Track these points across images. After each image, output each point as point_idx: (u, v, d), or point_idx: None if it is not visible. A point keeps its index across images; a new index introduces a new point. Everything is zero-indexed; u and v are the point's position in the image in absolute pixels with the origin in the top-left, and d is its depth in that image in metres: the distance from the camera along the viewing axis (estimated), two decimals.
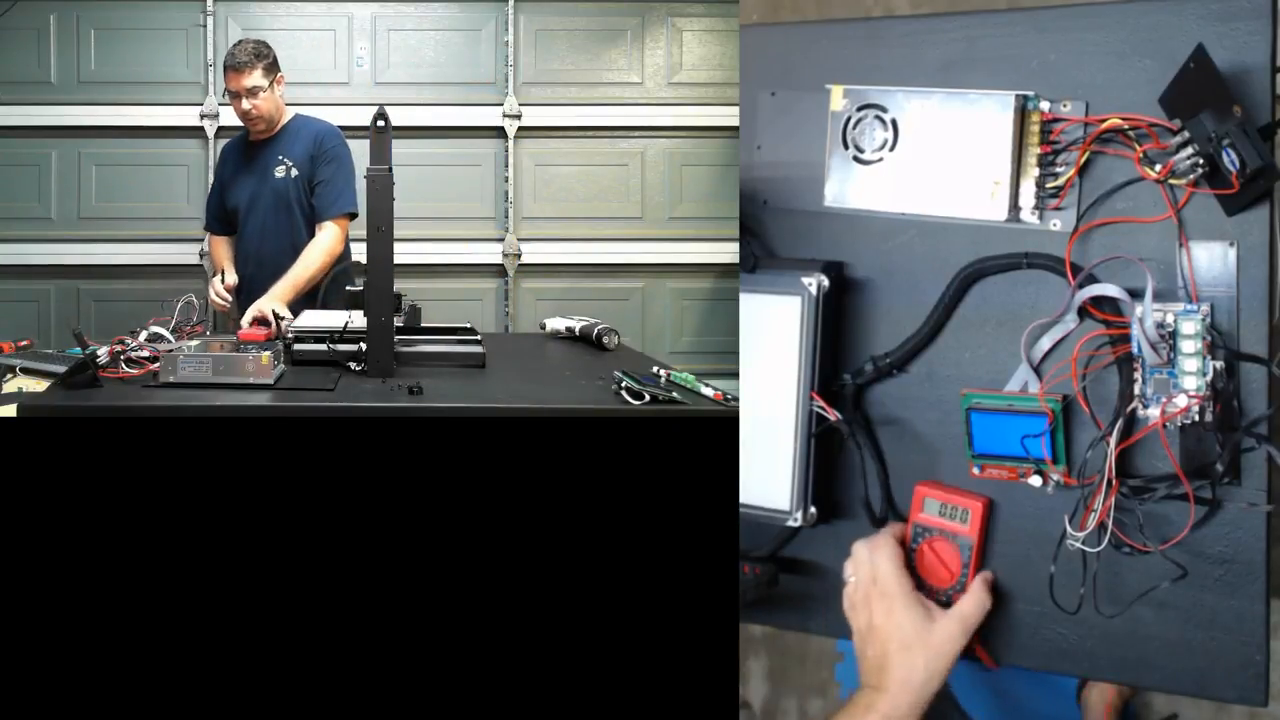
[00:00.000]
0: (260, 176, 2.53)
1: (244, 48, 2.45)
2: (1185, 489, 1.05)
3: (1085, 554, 1.10)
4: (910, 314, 1.21)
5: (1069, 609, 1.12)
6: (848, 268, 1.25)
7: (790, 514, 1.21)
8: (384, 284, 1.60)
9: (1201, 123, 1.02)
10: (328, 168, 2.47)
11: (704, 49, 3.46)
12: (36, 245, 3.29)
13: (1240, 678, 1.08)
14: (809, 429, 1.20)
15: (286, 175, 2.50)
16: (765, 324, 1.22)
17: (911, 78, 1.20)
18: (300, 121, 2.57)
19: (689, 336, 3.51)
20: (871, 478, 1.22)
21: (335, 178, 2.47)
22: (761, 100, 1.31)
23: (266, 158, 2.53)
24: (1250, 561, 1.07)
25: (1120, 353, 1.09)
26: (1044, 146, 1.13)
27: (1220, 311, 1.07)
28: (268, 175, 2.52)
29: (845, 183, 1.21)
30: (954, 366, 1.20)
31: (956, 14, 1.21)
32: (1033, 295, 1.15)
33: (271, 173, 2.51)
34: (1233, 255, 1.07)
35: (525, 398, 1.50)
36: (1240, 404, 1.05)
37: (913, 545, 1.18)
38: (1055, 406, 1.11)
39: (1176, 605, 1.10)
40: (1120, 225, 1.12)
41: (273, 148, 2.53)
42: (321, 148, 2.49)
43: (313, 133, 2.52)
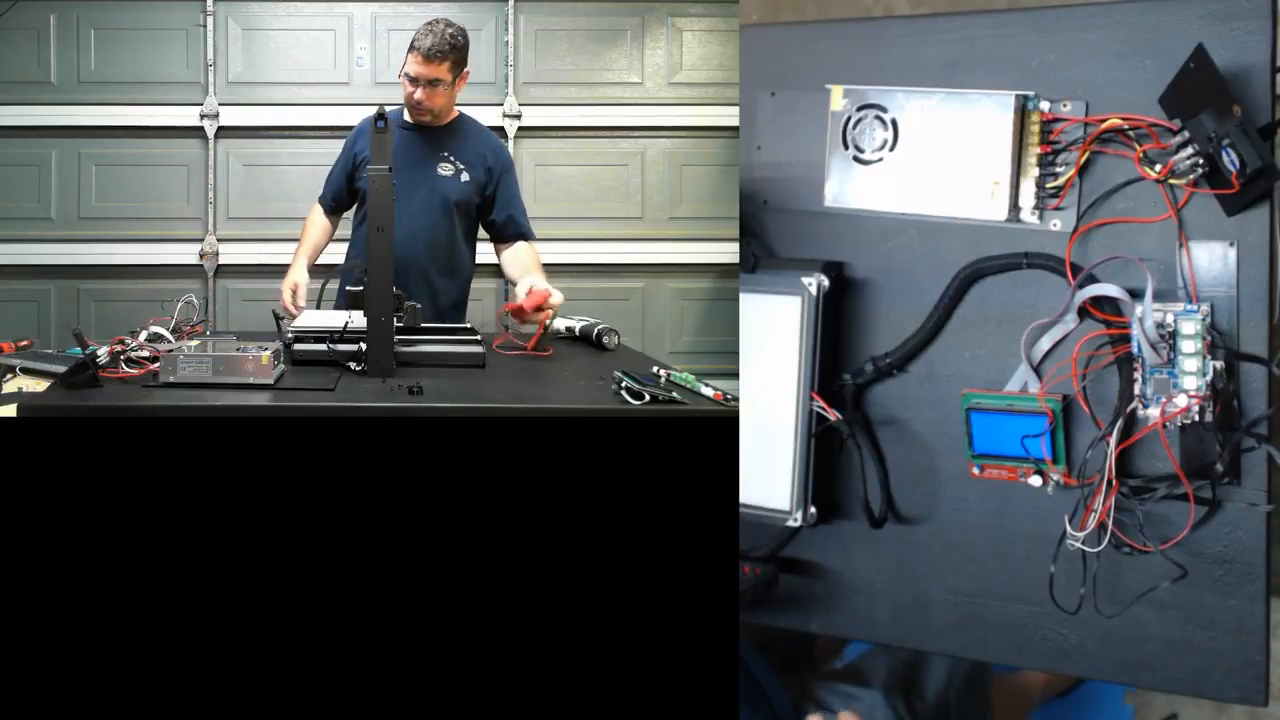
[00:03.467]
0: (419, 166, 2.26)
1: (443, 35, 2.17)
2: (1185, 489, 1.05)
3: (1085, 554, 1.10)
4: (910, 314, 1.21)
5: (1069, 609, 1.12)
6: (848, 268, 1.25)
7: (790, 514, 1.21)
8: (384, 284, 1.60)
9: (1201, 123, 1.02)
10: (510, 182, 2.29)
11: (704, 49, 3.46)
12: (36, 245, 3.29)
13: (1240, 677, 1.08)
14: (809, 429, 1.20)
15: (455, 175, 2.27)
16: (765, 324, 1.22)
17: (911, 78, 1.20)
18: (469, 122, 2.34)
19: (689, 336, 3.51)
20: (871, 478, 1.22)
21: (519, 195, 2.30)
22: (761, 100, 1.31)
23: (429, 149, 2.28)
24: (1250, 561, 1.07)
25: (1120, 353, 1.09)
26: (1044, 146, 1.13)
27: (1220, 311, 1.07)
28: (429, 169, 2.27)
29: (845, 183, 1.21)
30: (954, 366, 1.20)
31: (956, 14, 1.21)
32: (1033, 295, 1.15)
33: (435, 167, 2.27)
34: (1233, 255, 1.07)
35: (525, 398, 1.50)
36: (1240, 404, 1.06)
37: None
38: (1055, 406, 1.11)
39: (1176, 605, 1.10)
40: (1120, 225, 1.12)
41: (437, 141, 2.28)
42: (500, 159, 2.30)
43: (490, 143, 2.31)
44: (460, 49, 2.20)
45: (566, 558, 1.19)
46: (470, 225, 2.32)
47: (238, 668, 1.16)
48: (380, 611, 1.17)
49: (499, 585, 1.18)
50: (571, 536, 1.19)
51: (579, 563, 1.19)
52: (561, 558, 1.19)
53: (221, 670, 1.16)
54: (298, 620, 1.17)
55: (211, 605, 1.16)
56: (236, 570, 1.16)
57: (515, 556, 1.18)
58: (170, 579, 1.16)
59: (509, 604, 1.18)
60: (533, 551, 1.18)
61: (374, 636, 1.17)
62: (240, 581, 1.17)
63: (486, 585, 1.18)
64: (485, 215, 2.33)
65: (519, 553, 1.18)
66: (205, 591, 1.16)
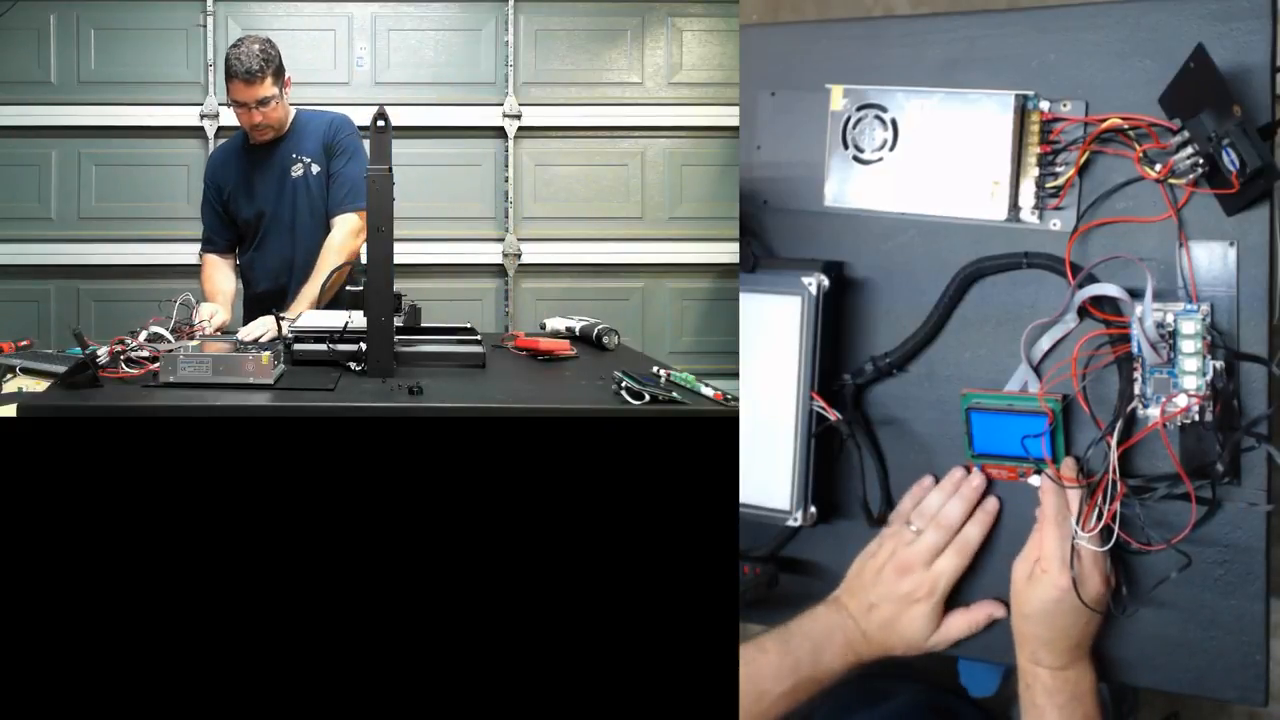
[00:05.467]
0: (275, 181, 2.32)
1: (251, 53, 2.19)
2: (1186, 488, 1.05)
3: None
4: (910, 314, 1.21)
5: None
6: (848, 267, 1.25)
7: (790, 514, 1.21)
8: (384, 284, 1.60)
9: (1201, 122, 1.02)
10: (339, 159, 2.30)
11: (704, 49, 3.46)
12: (36, 245, 3.30)
13: (1240, 677, 1.08)
14: (809, 429, 1.20)
15: (306, 173, 2.31)
16: (765, 324, 1.22)
17: (911, 77, 1.20)
18: (306, 115, 2.38)
19: (689, 336, 3.51)
20: (871, 477, 1.22)
21: (348, 170, 2.29)
22: (761, 100, 1.31)
23: (277, 159, 2.33)
24: (1250, 561, 1.07)
25: (1120, 352, 1.09)
26: (1044, 146, 1.13)
27: (1220, 311, 1.07)
28: (285, 178, 2.32)
29: (845, 182, 1.21)
30: (954, 366, 1.20)
31: (956, 14, 1.21)
32: (1032, 295, 1.15)
33: (289, 174, 2.31)
34: (1232, 255, 1.07)
35: (525, 398, 1.50)
36: (1240, 404, 1.05)
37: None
38: (1055, 406, 1.11)
39: (1176, 604, 1.10)
40: (1120, 225, 1.12)
41: (282, 148, 2.33)
42: (336, 138, 2.31)
43: (324, 122, 2.34)
44: (274, 59, 2.23)
45: (567, 557, 1.19)
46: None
47: (238, 667, 1.16)
48: (381, 611, 1.17)
49: (499, 585, 1.18)
50: (572, 536, 1.19)
51: (579, 562, 1.19)
52: (562, 557, 1.19)
53: (222, 670, 1.16)
54: (298, 620, 1.17)
55: (212, 605, 1.16)
56: (237, 570, 1.17)
57: (516, 556, 1.18)
58: (170, 579, 1.16)
59: (509, 604, 1.18)
60: (533, 551, 1.18)
61: (374, 636, 1.17)
62: (240, 581, 1.17)
63: (487, 585, 1.18)
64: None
65: (519, 553, 1.18)
66: (205, 591, 1.16)
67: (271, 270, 2.37)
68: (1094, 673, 1.10)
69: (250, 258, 2.40)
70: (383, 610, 1.17)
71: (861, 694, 1.35)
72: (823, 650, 1.15)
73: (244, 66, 2.18)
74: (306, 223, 2.33)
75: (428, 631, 1.18)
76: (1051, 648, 1.09)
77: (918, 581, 1.15)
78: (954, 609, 1.16)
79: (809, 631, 1.16)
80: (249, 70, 2.18)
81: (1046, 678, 1.09)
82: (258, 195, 2.35)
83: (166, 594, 1.16)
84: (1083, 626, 1.08)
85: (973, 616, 1.15)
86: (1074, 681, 1.09)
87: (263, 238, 2.36)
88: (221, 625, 1.16)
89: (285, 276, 2.34)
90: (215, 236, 2.42)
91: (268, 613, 1.17)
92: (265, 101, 2.23)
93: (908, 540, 1.16)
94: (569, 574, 1.18)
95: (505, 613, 1.18)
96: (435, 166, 3.34)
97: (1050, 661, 1.09)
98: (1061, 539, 1.06)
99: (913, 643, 1.15)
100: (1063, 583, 1.05)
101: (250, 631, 1.16)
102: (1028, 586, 1.09)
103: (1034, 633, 1.09)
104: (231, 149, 2.41)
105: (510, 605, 1.18)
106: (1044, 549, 1.08)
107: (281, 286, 2.33)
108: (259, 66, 2.18)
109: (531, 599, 1.18)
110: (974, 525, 1.16)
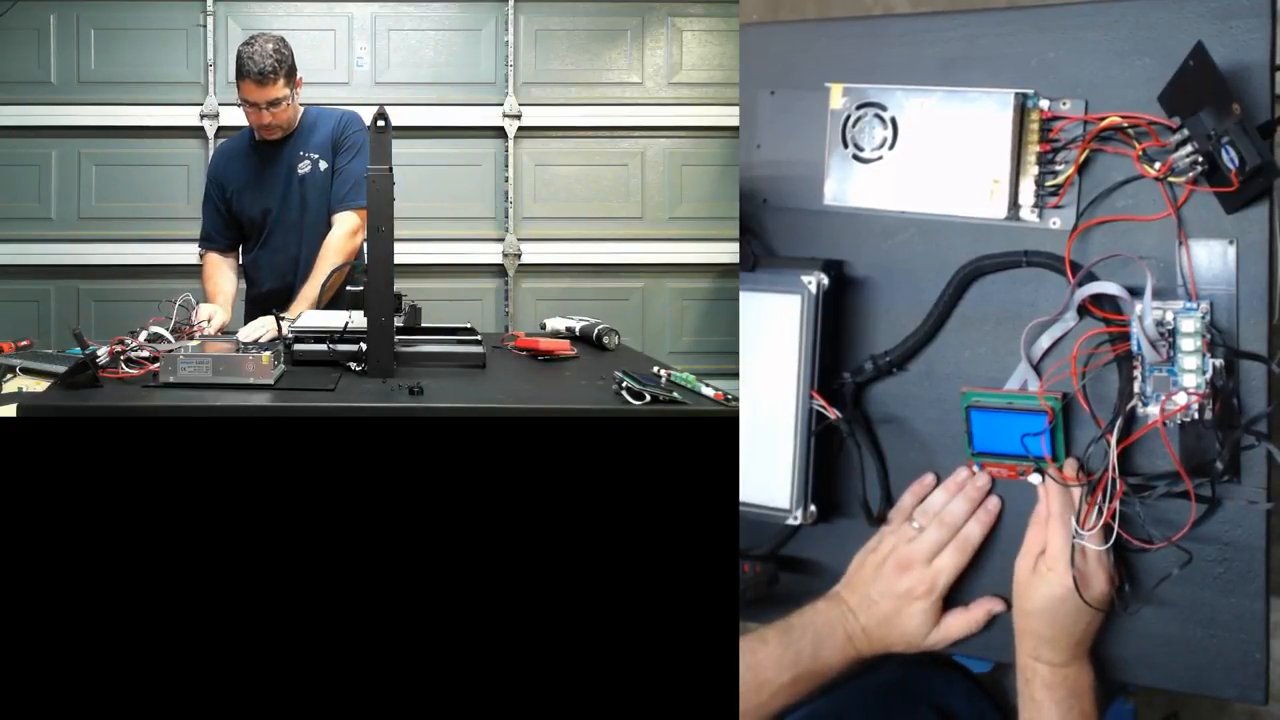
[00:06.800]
0: (283, 178, 2.30)
1: (264, 53, 2.15)
2: (1185, 487, 1.05)
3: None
4: (910, 312, 1.21)
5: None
6: (847, 266, 1.25)
7: (790, 512, 1.21)
8: (384, 284, 1.60)
9: (1201, 121, 1.02)
10: (345, 155, 2.28)
11: (704, 49, 3.46)
12: (36, 245, 3.30)
13: (1240, 676, 1.08)
14: (809, 427, 1.20)
15: (313, 169, 2.28)
16: (765, 323, 1.22)
17: (911, 76, 1.20)
18: (315, 112, 2.35)
19: (689, 336, 3.51)
20: (871, 476, 1.22)
21: (353, 166, 2.26)
22: (761, 100, 1.31)
23: (285, 157, 2.30)
24: (1250, 559, 1.07)
25: (1120, 351, 1.09)
26: (1043, 145, 1.13)
27: (1220, 309, 1.07)
28: (291, 175, 2.29)
29: (845, 181, 1.21)
30: (953, 365, 1.20)
31: (956, 12, 1.21)
32: (1032, 293, 1.15)
33: (295, 170, 2.29)
34: (1232, 253, 1.07)
35: (525, 398, 1.50)
36: (1240, 402, 1.05)
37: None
38: (1055, 404, 1.11)
39: (1176, 603, 1.10)
40: (1120, 223, 1.12)
41: (289, 145, 2.30)
42: (345, 133, 2.29)
43: (334, 118, 2.31)
44: (288, 60, 2.21)
45: (567, 557, 1.19)
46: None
47: (238, 667, 1.16)
48: (381, 611, 1.17)
49: (500, 585, 1.18)
50: (572, 536, 1.19)
51: (580, 562, 1.19)
52: (562, 557, 1.19)
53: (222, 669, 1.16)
54: (298, 620, 1.17)
55: (212, 605, 1.16)
56: (237, 570, 1.17)
57: (517, 556, 1.18)
58: (170, 579, 1.16)
59: (510, 603, 1.18)
60: (534, 551, 1.19)
61: (375, 636, 1.17)
62: (240, 581, 1.17)
63: (487, 585, 1.18)
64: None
65: (521, 552, 1.18)
66: (205, 591, 1.16)
67: (278, 268, 2.35)
68: (1093, 671, 1.10)
69: (256, 256, 2.38)
70: (384, 610, 1.17)
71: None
72: (823, 644, 1.15)
73: (257, 67, 2.15)
74: (314, 220, 2.30)
75: (429, 631, 1.18)
76: (1053, 645, 1.09)
77: (918, 578, 1.15)
78: (953, 608, 1.16)
79: (810, 625, 1.16)
80: (262, 71, 2.16)
81: (1046, 674, 1.09)
82: (264, 193, 2.33)
83: (167, 594, 1.16)
84: (1085, 625, 1.08)
85: (971, 615, 1.15)
86: (1073, 678, 1.09)
87: (268, 235, 2.35)
88: (222, 625, 1.16)
89: (291, 274, 2.32)
90: (216, 235, 2.40)
91: (268, 613, 1.17)
92: (276, 102, 2.21)
93: (909, 537, 1.16)
94: (570, 573, 1.19)
95: (506, 613, 1.18)
96: (435, 166, 3.34)
97: (1051, 658, 1.09)
98: (1067, 537, 1.06)
99: (912, 639, 1.16)
100: (1068, 581, 1.05)
101: (251, 631, 1.16)
102: (1031, 583, 1.09)
103: (1036, 629, 1.09)
104: (237, 146, 2.39)
105: (511, 605, 1.18)
106: (1049, 547, 1.08)
107: (288, 284, 2.31)
108: (272, 67, 2.16)
109: (532, 599, 1.18)
110: (975, 524, 1.16)
